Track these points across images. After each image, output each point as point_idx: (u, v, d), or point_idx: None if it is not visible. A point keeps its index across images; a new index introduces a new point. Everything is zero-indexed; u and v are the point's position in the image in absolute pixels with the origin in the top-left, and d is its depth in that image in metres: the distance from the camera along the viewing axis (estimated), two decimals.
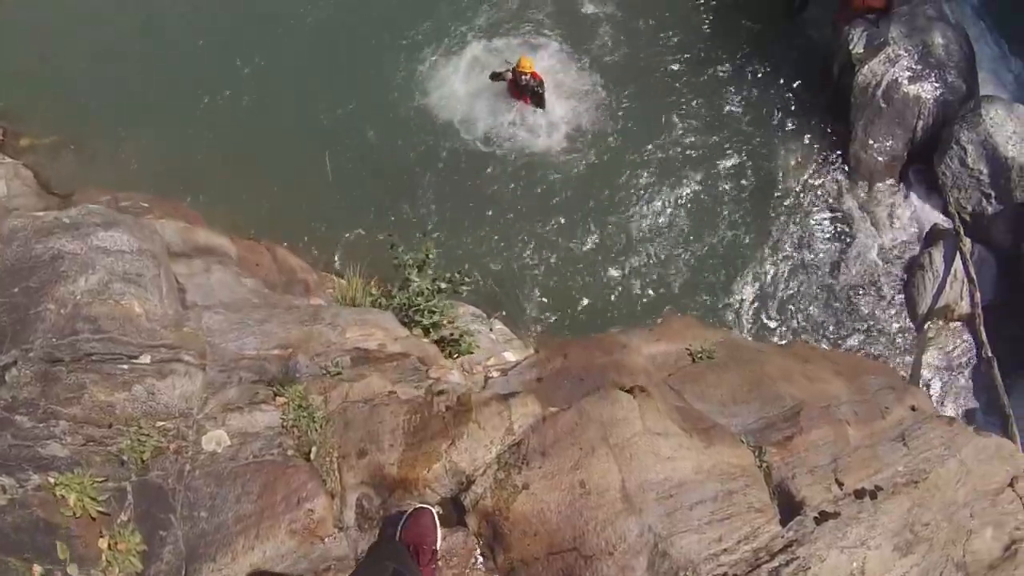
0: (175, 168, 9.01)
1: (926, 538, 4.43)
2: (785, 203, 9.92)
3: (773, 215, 9.81)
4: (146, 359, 4.24)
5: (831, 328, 9.19)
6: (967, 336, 9.36)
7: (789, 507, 4.31)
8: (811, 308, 9.28)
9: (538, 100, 9.95)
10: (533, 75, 9.74)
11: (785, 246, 9.62)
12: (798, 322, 9.13)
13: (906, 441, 5.06)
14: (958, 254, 9.54)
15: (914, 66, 10.26)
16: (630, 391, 4.61)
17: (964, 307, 9.40)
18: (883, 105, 10.18)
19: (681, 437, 4.25)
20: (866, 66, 10.27)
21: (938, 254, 9.63)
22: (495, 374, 5.12)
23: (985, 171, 9.73)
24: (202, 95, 9.58)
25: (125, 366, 4.08)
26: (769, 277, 9.37)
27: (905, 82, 10.19)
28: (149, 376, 4.08)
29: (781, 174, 10.13)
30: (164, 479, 3.74)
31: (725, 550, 3.95)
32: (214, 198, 8.82)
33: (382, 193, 9.26)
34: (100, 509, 3.47)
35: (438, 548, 3.76)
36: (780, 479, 4.41)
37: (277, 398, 4.38)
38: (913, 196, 10.19)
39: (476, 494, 4.01)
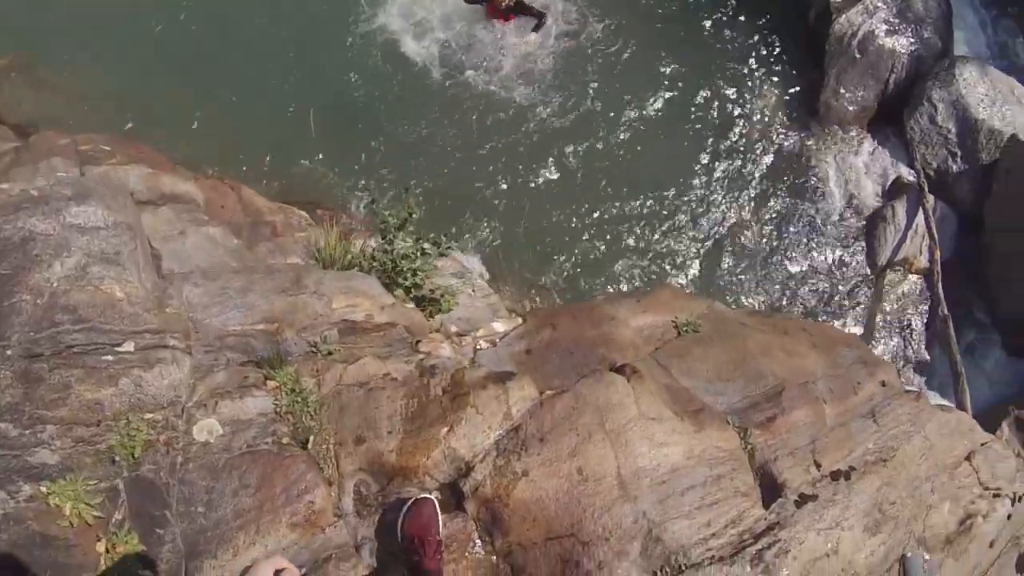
0: (132, 97, 8.59)
1: (892, 516, 4.74)
2: (752, 149, 10.05)
3: (739, 161, 9.94)
4: (130, 346, 4.12)
5: (799, 280, 9.46)
6: (924, 291, 9.73)
7: (771, 489, 4.55)
8: (780, 259, 9.53)
9: (523, 9, 9.67)
10: None
11: (750, 195, 9.80)
12: (769, 274, 9.37)
13: (876, 418, 5.31)
14: (921, 209, 9.82)
15: (891, 19, 10.35)
16: (622, 370, 4.77)
17: (923, 261, 9.76)
18: (857, 55, 10.28)
19: (674, 421, 4.43)
20: (843, 15, 10.32)
21: (901, 207, 9.92)
22: (484, 345, 5.20)
23: (954, 130, 9.98)
24: (159, 16, 9.10)
25: (109, 356, 4.00)
26: (735, 227, 9.56)
27: (881, 34, 10.29)
28: (135, 367, 4.00)
29: (748, 118, 10.22)
30: (156, 473, 3.73)
31: (713, 534, 4.19)
32: (173, 132, 8.47)
33: (350, 128, 9.03)
34: (96, 514, 3.46)
35: (441, 538, 3.89)
36: (763, 461, 4.65)
37: (268, 382, 4.37)
38: (880, 148, 10.41)
39: (476, 481, 4.13)
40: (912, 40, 10.27)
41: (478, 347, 5.10)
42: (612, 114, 9.67)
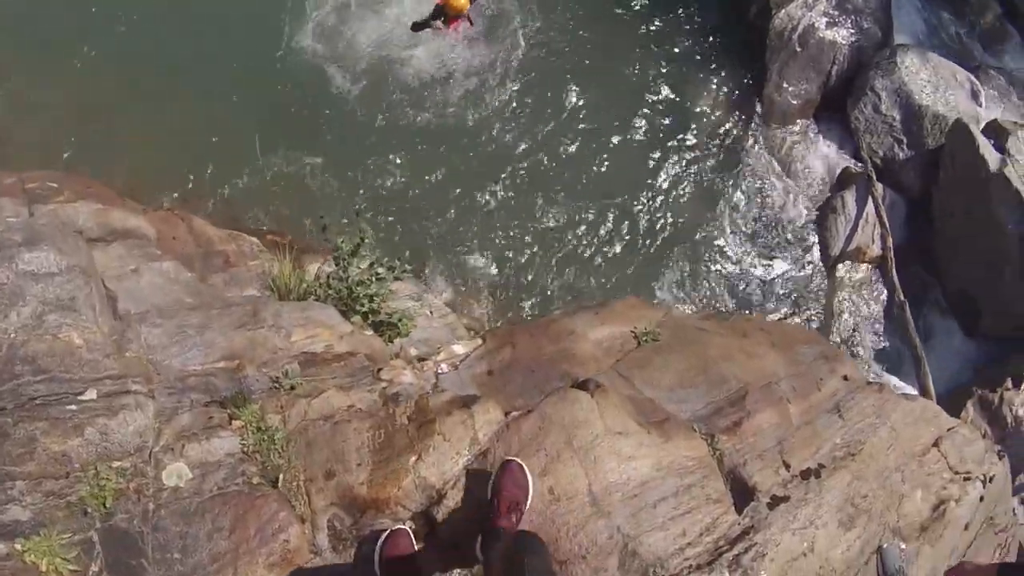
0: (75, 126, 8.57)
1: (865, 509, 4.90)
2: (699, 148, 10.31)
3: (688, 161, 10.15)
4: (92, 394, 4.15)
5: (753, 278, 9.67)
6: (878, 278, 10.01)
7: (743, 493, 4.67)
8: (733, 259, 9.73)
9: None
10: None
11: (700, 196, 10.01)
12: (723, 276, 9.55)
13: (841, 413, 5.48)
14: (869, 197, 10.10)
15: (831, 11, 10.70)
16: (585, 385, 4.86)
17: (875, 250, 10.05)
18: (798, 48, 10.59)
19: (640, 434, 4.53)
20: (783, 10, 10.62)
21: (850, 197, 10.21)
22: (445, 368, 5.25)
23: (898, 117, 10.31)
24: (99, 42, 9.01)
25: (73, 406, 4.01)
26: (689, 231, 9.75)
27: (821, 27, 10.63)
28: (100, 415, 4.02)
29: (693, 118, 10.49)
30: (129, 522, 3.73)
31: (689, 543, 4.29)
32: (118, 161, 8.43)
33: (296, 152, 9.06)
34: (72, 567, 3.46)
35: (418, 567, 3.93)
36: (732, 466, 4.77)
37: (233, 421, 4.39)
38: (825, 140, 10.71)
39: (447, 508, 4.18)
40: (852, 31, 10.59)
41: (439, 371, 5.16)
42: (557, 125, 9.87)
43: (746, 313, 9.25)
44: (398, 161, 9.25)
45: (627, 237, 9.46)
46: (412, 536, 4.02)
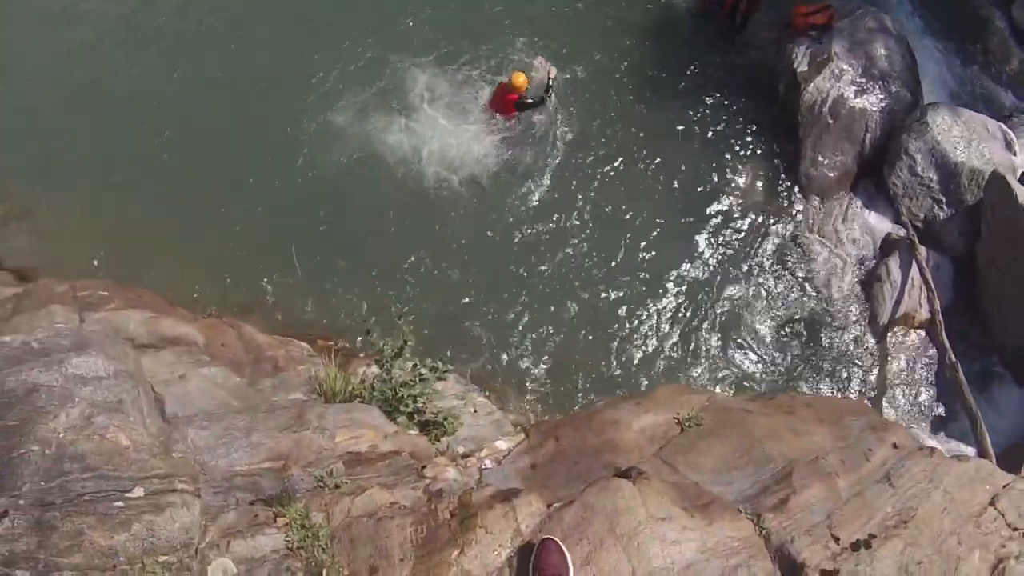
0: (127, 238, 9.04)
1: None
2: (739, 230, 10.36)
3: (729, 245, 10.22)
4: (139, 492, 4.28)
5: (801, 356, 9.58)
6: (929, 342, 9.84)
7: (792, 570, 4.59)
8: (779, 338, 9.67)
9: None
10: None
11: (744, 277, 10.04)
12: (770, 355, 9.47)
13: (891, 481, 5.39)
14: (914, 262, 10.01)
15: (858, 79, 10.76)
16: (627, 474, 4.87)
17: (924, 313, 9.92)
18: (830, 121, 10.65)
19: (683, 518, 4.51)
20: (811, 83, 10.73)
21: (894, 264, 10.12)
22: (489, 464, 5.31)
23: (935, 178, 10.27)
24: (146, 159, 9.62)
25: (120, 503, 4.12)
26: (734, 313, 9.74)
27: (851, 96, 10.69)
28: (146, 512, 4.12)
29: (731, 200, 10.55)
30: None
31: None
32: (169, 271, 8.84)
33: (340, 257, 9.36)
34: None
35: None
36: (780, 543, 4.70)
37: (278, 519, 4.47)
38: (866, 209, 10.70)
39: None
40: (881, 96, 10.66)
41: (483, 467, 5.22)
42: (594, 216, 10.12)
43: (795, 390, 9.11)
44: (439, 261, 9.55)
45: (670, 323, 9.50)
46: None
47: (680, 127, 10.97)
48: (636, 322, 9.43)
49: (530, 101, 10.41)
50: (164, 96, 10.02)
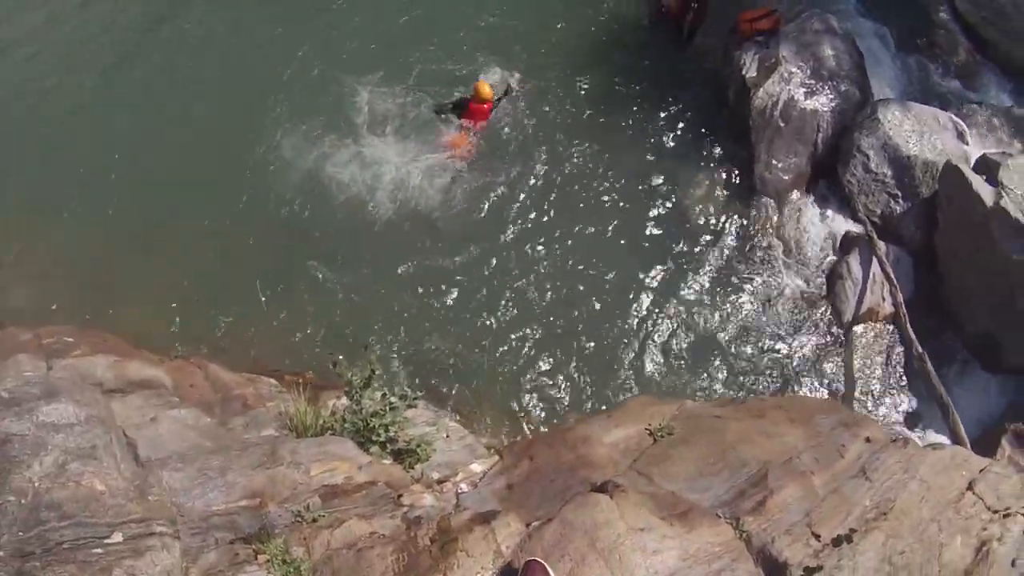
0: (87, 281, 8.92)
1: (903, 565, 4.85)
2: (698, 238, 10.43)
3: (687, 253, 10.29)
4: (118, 537, 4.28)
5: (769, 359, 9.64)
6: (895, 335, 9.96)
7: (775, 570, 4.64)
8: (745, 342, 9.73)
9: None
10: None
11: (705, 285, 10.10)
12: (737, 361, 9.54)
13: (868, 475, 5.48)
14: (874, 257, 10.15)
15: (808, 81, 10.93)
16: (603, 488, 4.89)
17: (887, 307, 10.04)
18: (781, 124, 10.79)
19: (663, 528, 4.55)
20: (761, 88, 10.87)
21: (855, 260, 10.25)
22: (465, 487, 5.31)
23: (889, 173, 10.44)
24: (100, 195, 9.54)
25: (99, 549, 4.10)
26: (696, 320, 9.79)
27: (801, 98, 10.84)
28: (126, 557, 4.10)
29: (689, 209, 10.62)
30: None
31: None
32: (132, 313, 8.73)
33: (301, 289, 9.31)
34: None
35: None
36: (761, 544, 4.75)
37: (259, 556, 4.47)
38: (823, 208, 10.82)
39: None
40: (831, 96, 10.86)
41: (460, 491, 5.23)
42: (553, 231, 10.16)
43: (763, 394, 9.18)
44: (401, 289, 9.51)
45: (636, 334, 9.53)
46: None
47: (635, 137, 11.07)
48: (602, 336, 9.46)
49: (499, 99, 10.70)
50: (113, 131, 9.98)
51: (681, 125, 11.17)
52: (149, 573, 4.08)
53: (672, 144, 11.05)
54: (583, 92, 11.29)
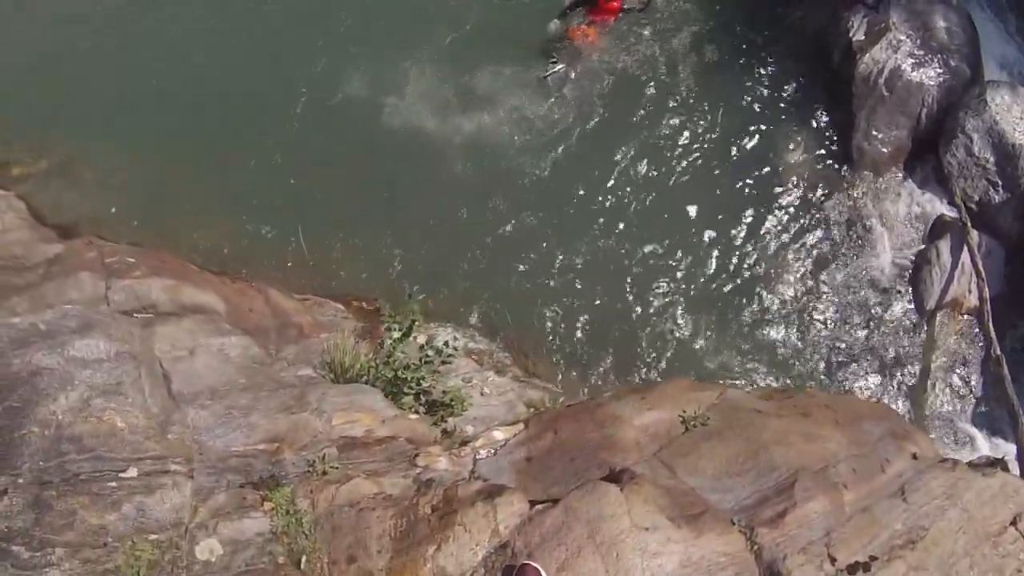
0: (167, 193, 8.81)
1: None
2: (788, 202, 9.79)
3: (772, 217, 9.68)
4: (133, 472, 4.44)
5: (841, 336, 9.10)
6: (976, 331, 9.23)
7: None
8: (818, 317, 9.17)
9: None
10: None
11: (783, 252, 9.49)
12: (808, 334, 9.02)
13: (905, 496, 5.13)
14: (965, 246, 9.35)
15: (916, 52, 10.00)
16: (619, 476, 4.61)
17: (972, 300, 9.33)
18: (886, 93, 9.94)
19: (669, 530, 4.34)
20: (867, 54, 10.00)
21: (945, 247, 9.49)
22: (484, 454, 5.11)
23: (992, 159, 9.55)
24: (181, 115, 9.30)
25: (113, 483, 4.25)
26: (767, 289, 9.25)
27: (908, 69, 9.94)
28: (138, 493, 4.25)
29: (779, 170, 9.96)
30: None
31: None
32: (207, 230, 8.67)
33: (376, 214, 9.01)
34: None
35: None
36: (771, 560, 4.48)
37: (265, 503, 4.50)
38: (918, 187, 9.99)
39: None
40: (940, 70, 9.92)
41: (478, 456, 5.01)
42: (634, 181, 9.61)
43: (823, 377, 8.60)
44: (479, 221, 9.13)
45: (699, 298, 9.09)
46: None
47: (729, 90, 10.37)
48: (666, 295, 9.04)
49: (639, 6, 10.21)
50: (197, 52, 9.78)
51: (779, 86, 10.43)
52: (158, 510, 4.24)
53: (770, 102, 10.32)
54: (677, 37, 10.53)
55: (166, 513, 4.21)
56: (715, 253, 9.31)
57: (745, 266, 9.28)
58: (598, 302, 8.83)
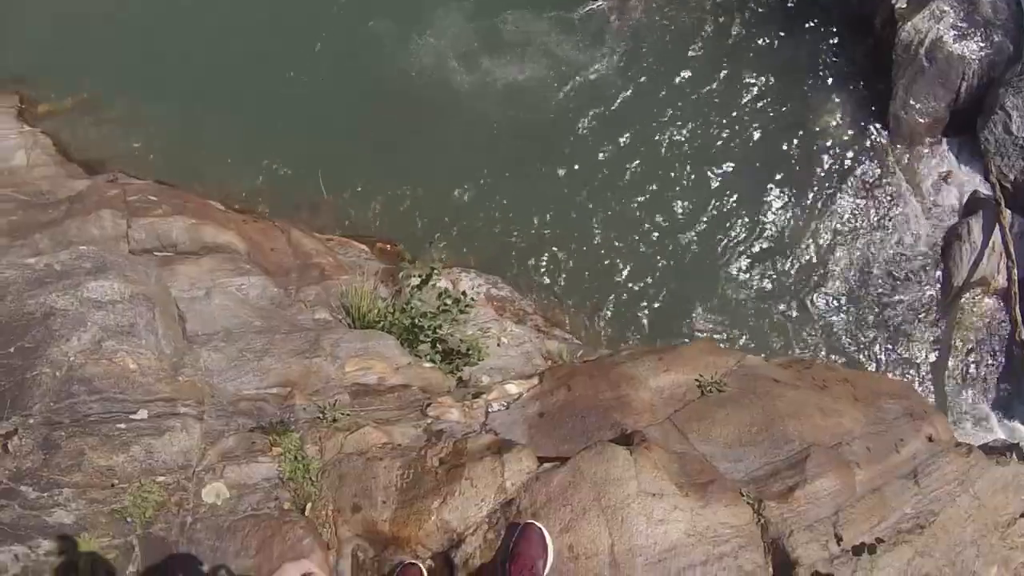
0: (192, 132, 8.85)
1: None
2: (821, 166, 9.62)
3: (807, 180, 9.51)
4: (143, 414, 4.39)
5: (863, 305, 8.98)
6: (1003, 314, 8.97)
7: (784, 566, 4.27)
8: (841, 284, 9.03)
9: None
10: None
11: (817, 215, 9.38)
12: (829, 301, 8.91)
13: (918, 479, 4.98)
14: (997, 225, 9.06)
15: (960, 24, 9.76)
16: (630, 438, 4.51)
17: (1000, 281, 9.13)
18: (926, 64, 9.68)
19: (676, 497, 4.26)
20: (909, 22, 9.73)
21: (977, 224, 9.24)
22: (496, 407, 5.03)
23: None
24: (215, 55, 9.27)
25: (122, 425, 4.25)
26: (802, 249, 9.14)
27: (950, 40, 9.70)
28: (146, 435, 4.24)
29: (812, 133, 9.79)
30: (168, 532, 3.96)
31: None
32: (233, 164, 8.72)
33: (398, 151, 8.97)
34: (108, 570, 3.74)
35: None
36: (777, 535, 4.40)
37: (273, 448, 4.44)
38: (954, 161, 9.74)
39: (466, 553, 4.17)
40: (982, 44, 9.68)
41: (491, 409, 4.92)
42: (662, 139, 9.42)
43: (832, 357, 8.44)
44: (496, 170, 9.04)
45: (731, 260, 9.00)
46: (425, 573, 3.86)
47: (772, 49, 10.15)
48: (693, 254, 8.91)
49: None
50: None
51: (817, 44, 10.21)
52: (166, 452, 4.23)
53: (811, 64, 10.13)
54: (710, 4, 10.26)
55: (174, 455, 4.21)
56: (744, 213, 9.21)
57: (773, 229, 9.19)
58: (624, 257, 8.78)
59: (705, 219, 9.12)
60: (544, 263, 8.65)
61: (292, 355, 5.05)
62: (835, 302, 9.01)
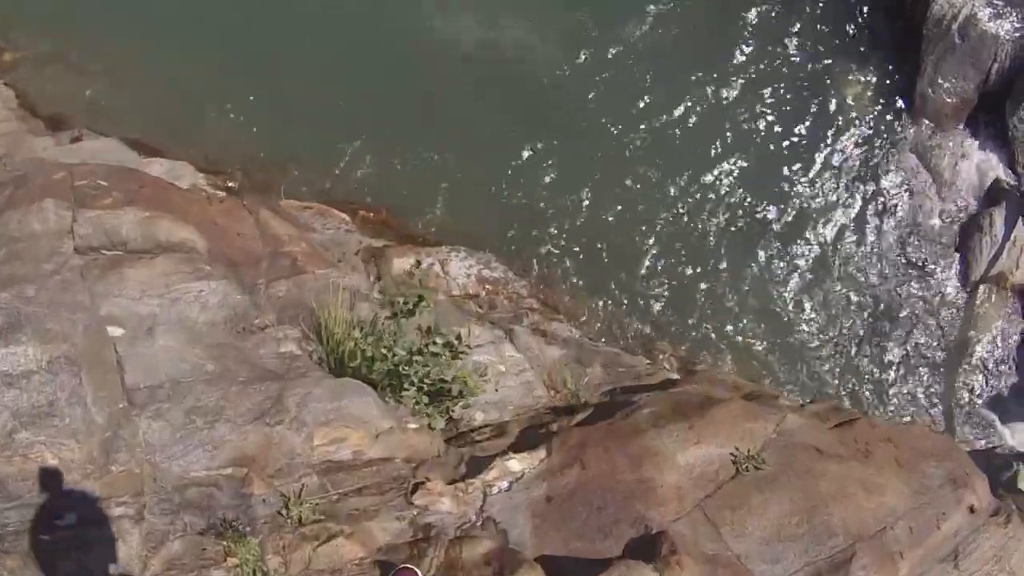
0: (170, 86, 7.82)
1: None
2: (839, 143, 8.82)
3: (827, 156, 8.71)
4: (71, 519, 3.58)
5: (881, 298, 8.26)
6: (1018, 310, 8.38)
7: None
8: (857, 267, 8.32)
9: None
10: None
11: (834, 194, 8.57)
12: (842, 286, 8.23)
13: (957, 561, 4.54)
14: (1020, 218, 8.46)
15: (995, 1, 8.88)
16: (656, 543, 3.68)
17: (1018, 276, 8.62)
18: (957, 41, 8.89)
19: None
20: None
21: (999, 215, 8.72)
22: (496, 489, 4.18)
23: None
24: (203, 3, 8.21)
25: (46, 536, 3.49)
26: (816, 230, 8.36)
27: (984, 18, 8.94)
28: (75, 548, 3.48)
29: (836, 108, 8.96)
30: None
31: None
32: (203, 124, 7.69)
33: (389, 114, 7.97)
34: None
35: None
36: None
37: (228, 559, 3.56)
38: (979, 146, 8.96)
39: None
40: (1017, 25, 9.03)
41: (490, 493, 4.08)
42: (683, 104, 8.59)
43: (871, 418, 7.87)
44: (495, 141, 8.13)
45: (745, 242, 8.21)
46: None
47: (799, 19, 9.17)
48: (702, 234, 8.10)
49: None
50: None
51: (846, 15, 9.28)
52: (99, 567, 3.47)
53: (839, 35, 9.28)
54: None
55: (111, 571, 3.42)
56: (761, 189, 8.54)
57: (790, 207, 8.56)
58: (630, 235, 8.09)
59: (713, 196, 8.35)
60: (541, 241, 7.84)
61: (250, 420, 4.16)
62: (845, 284, 8.31)
